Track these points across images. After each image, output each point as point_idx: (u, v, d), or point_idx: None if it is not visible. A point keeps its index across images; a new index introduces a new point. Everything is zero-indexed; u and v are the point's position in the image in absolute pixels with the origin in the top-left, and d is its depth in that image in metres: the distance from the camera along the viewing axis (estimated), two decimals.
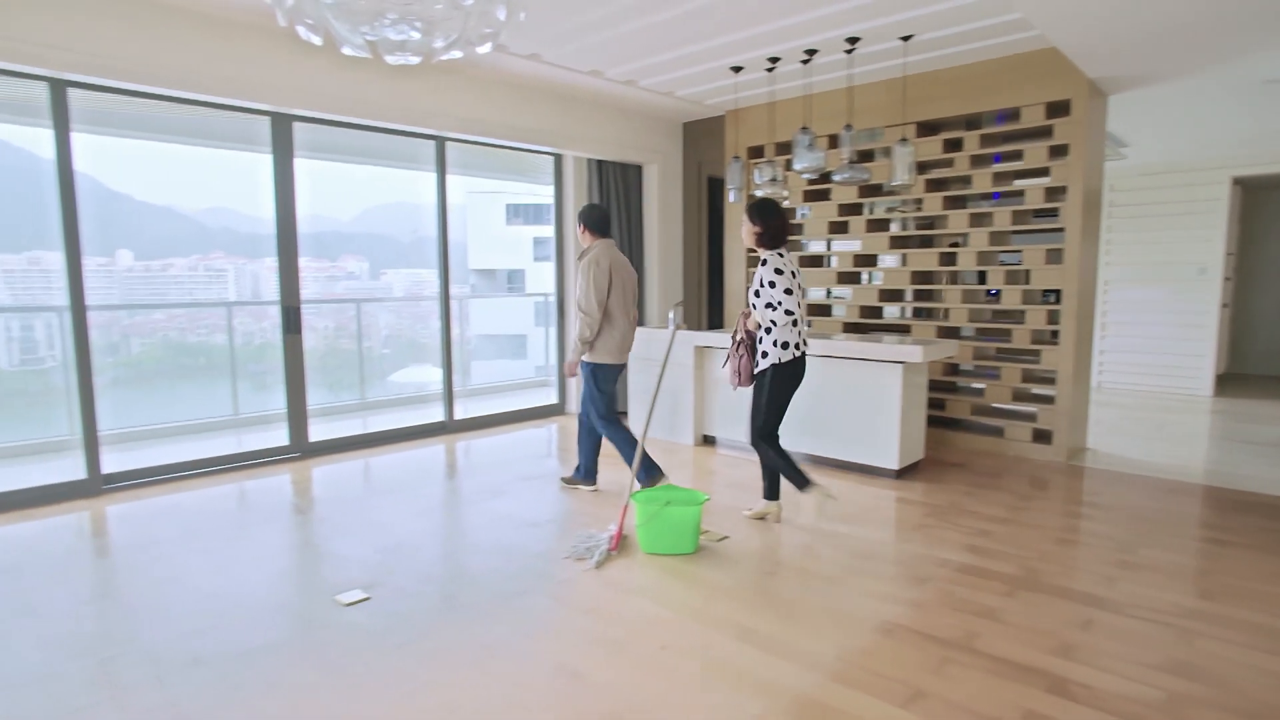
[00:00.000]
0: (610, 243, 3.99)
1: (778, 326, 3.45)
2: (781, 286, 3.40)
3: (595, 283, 3.83)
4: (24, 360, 6.64)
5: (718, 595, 2.88)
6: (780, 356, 3.47)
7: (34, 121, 3.97)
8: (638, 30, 4.38)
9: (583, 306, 3.86)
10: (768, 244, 3.49)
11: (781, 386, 3.52)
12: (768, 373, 3.51)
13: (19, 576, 3.06)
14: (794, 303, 3.42)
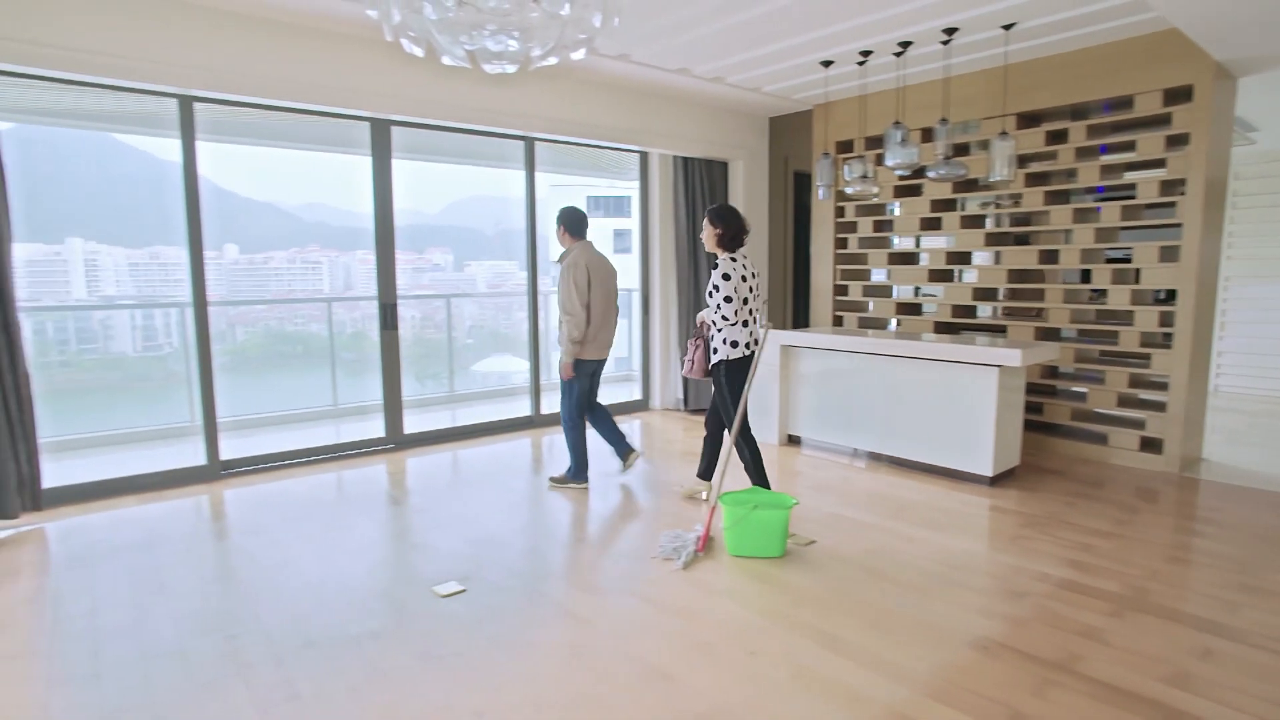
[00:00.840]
0: (588, 244, 4.13)
1: (726, 326, 3.66)
2: (725, 290, 3.61)
3: (576, 284, 3.96)
4: (145, 347, 7.19)
5: (805, 601, 2.86)
6: (729, 354, 3.69)
7: (160, 132, 4.27)
8: (727, 28, 4.35)
9: (566, 308, 3.98)
10: (727, 245, 3.68)
11: (733, 381, 3.71)
12: (720, 368, 3.73)
13: (152, 554, 3.32)
14: (739, 305, 3.63)
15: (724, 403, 3.76)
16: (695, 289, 6.41)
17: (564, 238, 4.13)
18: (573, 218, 4.11)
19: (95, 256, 9.61)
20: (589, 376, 4.20)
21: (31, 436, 3.70)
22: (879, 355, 4.71)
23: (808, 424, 5.22)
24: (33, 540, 3.55)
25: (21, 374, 3.65)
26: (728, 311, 3.62)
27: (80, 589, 2.99)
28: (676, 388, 6.47)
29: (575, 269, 3.99)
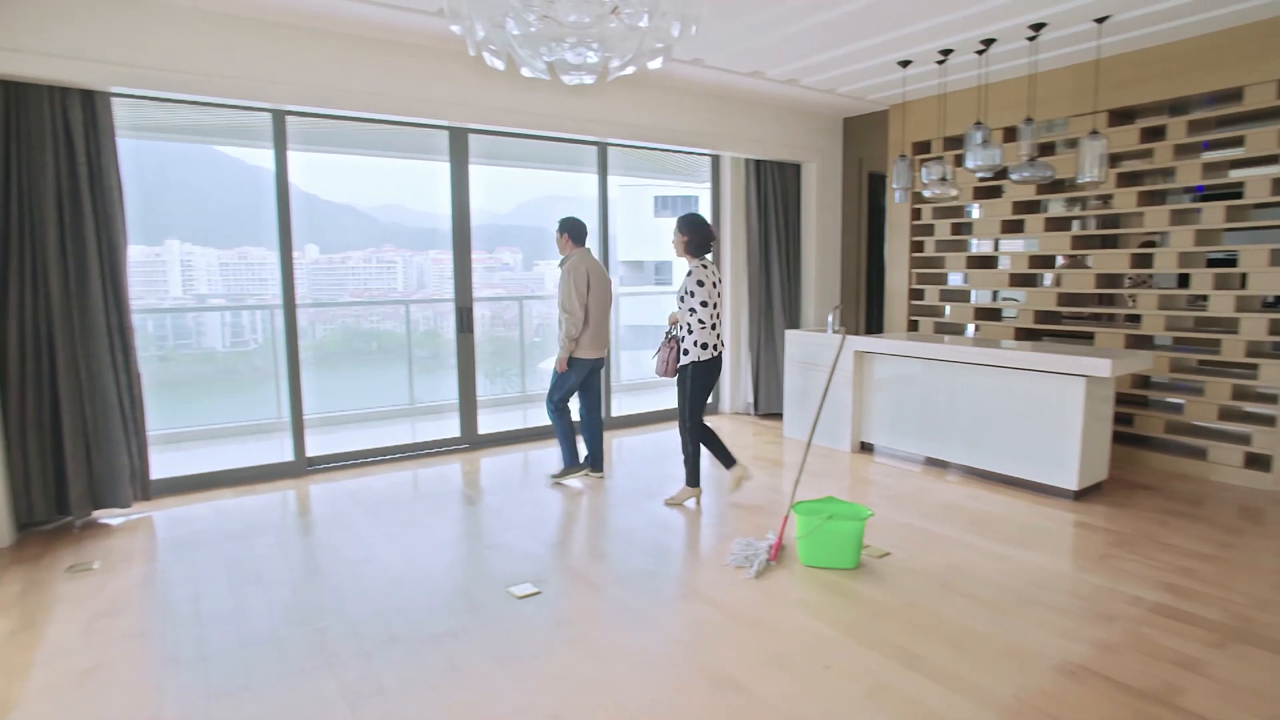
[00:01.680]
0: (586, 250, 4.43)
1: (699, 329, 3.88)
2: (700, 296, 3.85)
3: (576, 287, 4.28)
4: (233, 343, 7.59)
5: (881, 615, 2.81)
6: (699, 355, 3.91)
7: (254, 143, 4.50)
8: (804, 30, 4.30)
9: (566, 308, 4.28)
10: (693, 252, 3.94)
11: (700, 381, 3.95)
12: (688, 369, 3.94)
13: (248, 545, 3.51)
14: (709, 311, 3.88)
15: (683, 399, 3.99)
16: (766, 292, 6.36)
17: (565, 244, 4.41)
18: (574, 226, 4.41)
19: (190, 257, 10.19)
20: (588, 373, 4.46)
21: (142, 431, 3.96)
22: (957, 363, 4.58)
23: (881, 431, 5.12)
24: (143, 527, 3.80)
25: (134, 373, 3.91)
26: (703, 315, 3.87)
27: (185, 575, 3.19)
28: (747, 392, 6.43)
29: (575, 273, 4.29)
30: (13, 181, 3.54)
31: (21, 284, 3.59)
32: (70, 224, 3.67)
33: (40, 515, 3.72)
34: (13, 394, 3.61)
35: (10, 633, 2.70)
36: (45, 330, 3.66)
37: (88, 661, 2.50)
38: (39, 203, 3.59)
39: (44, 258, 3.62)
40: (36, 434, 3.68)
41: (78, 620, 2.79)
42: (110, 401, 3.80)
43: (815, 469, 4.74)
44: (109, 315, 3.81)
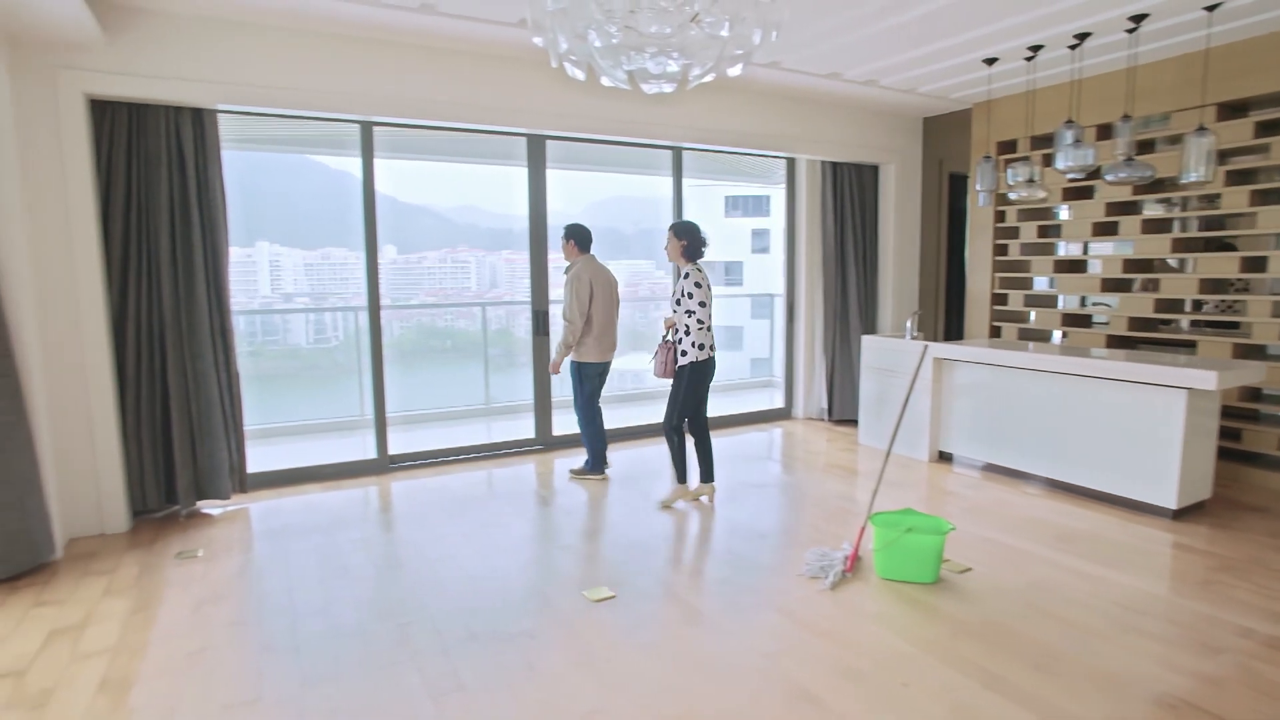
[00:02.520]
0: (591, 257, 4.55)
1: (696, 331, 3.98)
2: (699, 297, 3.97)
3: (578, 296, 4.41)
4: (316, 340, 7.95)
5: (962, 633, 2.73)
6: (697, 356, 4.02)
7: (342, 152, 4.71)
8: (884, 30, 4.21)
9: (567, 316, 4.43)
10: (689, 257, 4.07)
11: (697, 382, 4.07)
12: (685, 369, 4.04)
13: (335, 539, 3.68)
14: (707, 311, 4.00)
15: (675, 399, 4.09)
16: (842, 296, 6.25)
17: (571, 251, 4.52)
18: (581, 233, 4.52)
19: (278, 257, 10.71)
20: (597, 377, 4.62)
21: (239, 427, 4.20)
22: (1044, 371, 4.39)
23: (961, 441, 4.96)
24: (240, 519, 4.03)
25: (234, 372, 4.15)
26: (701, 316, 3.99)
27: (278, 567, 3.36)
28: (821, 397, 6.33)
29: (579, 282, 4.44)
30: (133, 196, 3.82)
31: (139, 290, 3.86)
32: (180, 233, 3.92)
33: (152, 504, 3.99)
34: (129, 392, 3.88)
35: (130, 612, 2.91)
36: (157, 332, 3.92)
37: (195, 644, 2.67)
38: (154, 214, 3.85)
39: (158, 265, 3.88)
40: (149, 428, 3.95)
41: (186, 604, 2.99)
42: (213, 399, 4.04)
43: (891, 478, 4.64)
44: (212, 317, 4.05)
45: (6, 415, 3.17)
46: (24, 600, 3.04)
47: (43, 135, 3.55)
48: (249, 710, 2.28)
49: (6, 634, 2.76)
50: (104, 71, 3.63)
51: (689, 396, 4.08)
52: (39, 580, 3.24)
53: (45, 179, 3.57)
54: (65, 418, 3.70)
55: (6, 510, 3.17)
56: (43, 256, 3.60)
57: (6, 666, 2.53)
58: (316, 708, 2.29)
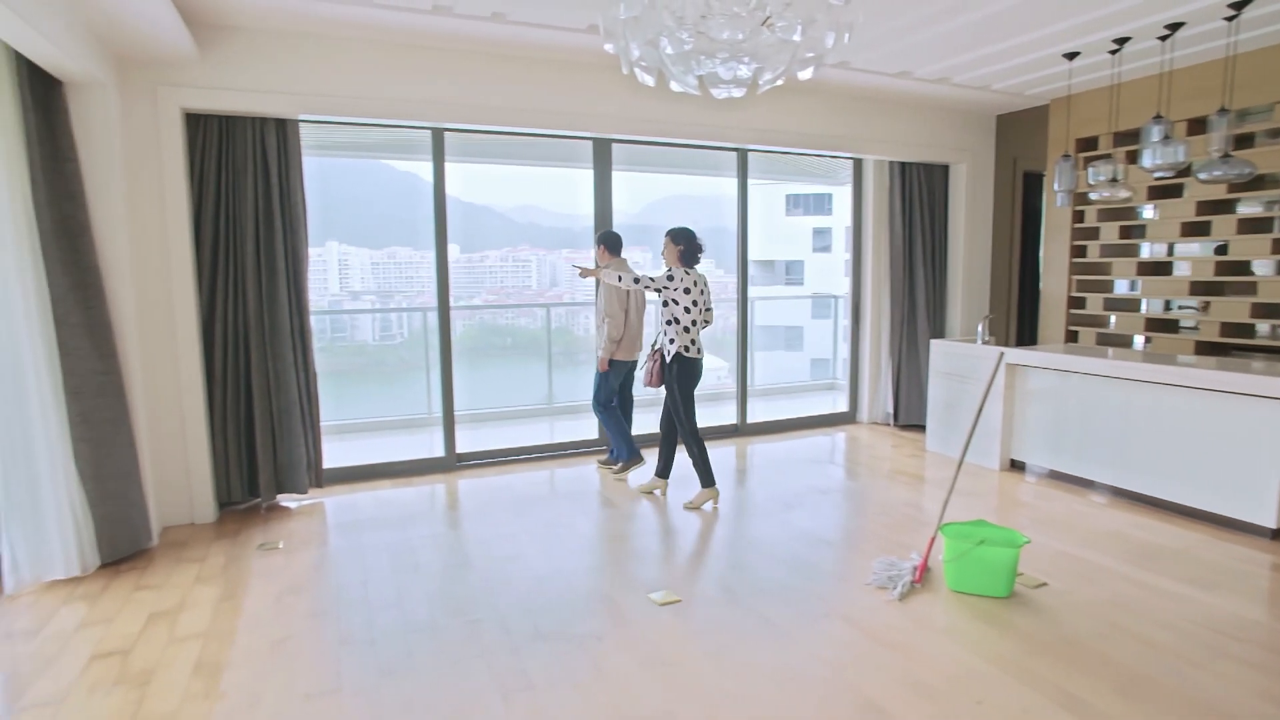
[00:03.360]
0: (623, 260, 4.72)
1: (679, 332, 4.12)
2: (686, 301, 4.10)
3: (618, 294, 4.64)
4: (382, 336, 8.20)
5: (1038, 650, 2.64)
6: (672, 349, 4.14)
7: (413, 156, 4.84)
8: (957, 28, 4.10)
9: (608, 312, 4.62)
10: (685, 261, 4.17)
11: (683, 381, 4.16)
12: (673, 368, 4.15)
13: (406, 535, 3.80)
14: (690, 312, 4.12)
15: (675, 403, 4.20)
16: (909, 299, 6.11)
17: (603, 255, 4.70)
18: (612, 239, 4.71)
19: (346, 256, 11.09)
20: (620, 375, 4.82)
21: (316, 424, 4.37)
22: (1126, 379, 4.20)
23: (1034, 449, 4.79)
24: (317, 513, 4.19)
25: (311, 371, 4.32)
26: (681, 316, 4.10)
27: (353, 560, 3.49)
28: (886, 401, 6.21)
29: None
30: (222, 204, 4.02)
31: (225, 293, 4.06)
32: (264, 238, 4.11)
33: (236, 496, 4.19)
34: (216, 389, 4.09)
35: (219, 600, 3.07)
36: (242, 333, 4.11)
37: (279, 633, 2.80)
38: (241, 221, 4.04)
39: (243, 269, 4.07)
40: (234, 425, 4.15)
41: (269, 594, 3.13)
42: (292, 397, 4.21)
43: (960, 487, 4.51)
44: (292, 319, 4.22)
45: (111, 412, 3.38)
46: (126, 583, 3.24)
47: (144, 148, 3.76)
48: (329, 700, 2.37)
49: (113, 614, 2.95)
50: (198, 87, 3.82)
51: (686, 396, 4.19)
52: (138, 565, 3.44)
53: (145, 189, 3.79)
54: (160, 414, 3.92)
55: (111, 500, 3.38)
56: (142, 262, 3.82)
57: (114, 646, 2.70)
58: (392, 700, 2.37)
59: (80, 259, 3.31)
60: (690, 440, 4.20)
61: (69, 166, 3.26)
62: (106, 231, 3.49)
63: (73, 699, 2.38)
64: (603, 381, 4.76)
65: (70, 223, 3.27)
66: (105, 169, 3.46)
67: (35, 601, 3.07)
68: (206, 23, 3.80)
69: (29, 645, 2.72)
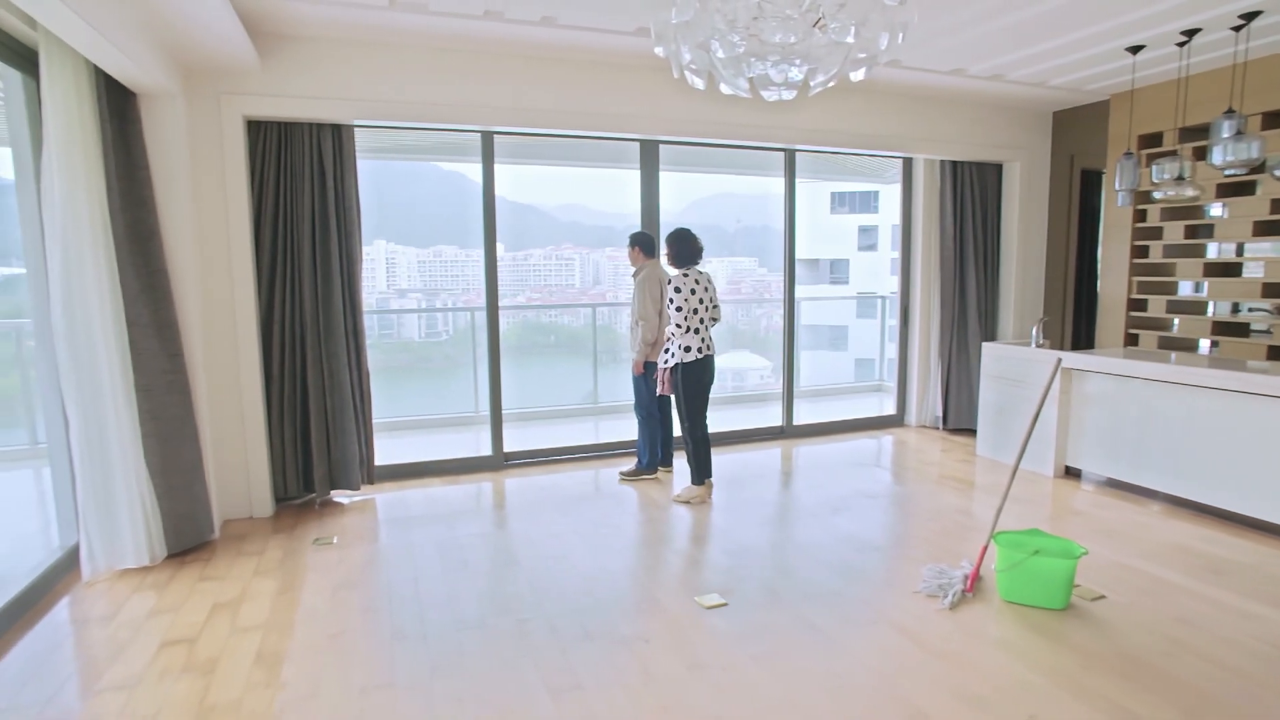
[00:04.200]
0: (656, 262, 4.72)
1: (679, 334, 4.17)
2: (679, 301, 4.14)
3: (652, 295, 4.62)
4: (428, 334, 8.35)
5: (1096, 665, 2.57)
6: (683, 358, 4.19)
7: (462, 158, 4.93)
8: (1015, 23, 4.00)
9: (643, 314, 4.61)
10: (676, 264, 4.25)
11: (691, 382, 4.22)
12: (677, 370, 4.21)
13: (455, 533, 3.87)
14: (690, 314, 4.16)
15: (679, 401, 4.28)
16: (960, 301, 5.99)
17: (638, 257, 4.70)
18: (646, 241, 4.72)
19: (394, 255, 11.32)
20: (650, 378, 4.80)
21: (369, 422, 4.48)
22: (1191, 385, 4.05)
23: (1090, 456, 4.65)
24: (368, 509, 4.30)
25: (364, 370, 4.43)
26: (679, 319, 4.15)
27: (404, 557, 3.57)
28: (935, 404, 6.10)
29: (650, 283, 4.62)
30: (280, 208, 4.14)
31: (283, 294, 4.19)
32: (319, 240, 4.22)
33: (291, 492, 4.32)
34: (274, 388, 4.22)
35: (277, 593, 3.18)
36: (299, 333, 4.24)
37: (334, 627, 2.88)
38: (298, 224, 4.16)
39: (299, 271, 4.19)
40: (290, 422, 4.27)
41: (325, 588, 3.22)
42: (346, 395, 4.33)
43: (1013, 493, 4.41)
44: (346, 319, 4.33)
45: (178, 409, 3.52)
46: (191, 574, 3.38)
47: (208, 155, 3.90)
48: (384, 694, 2.43)
49: (180, 603, 3.08)
50: (259, 95, 3.95)
51: (691, 398, 4.25)
52: (201, 557, 3.58)
53: (209, 194, 3.93)
54: (221, 412, 4.06)
55: (178, 494, 3.52)
56: (206, 265, 3.96)
57: (181, 634, 2.82)
58: (444, 696, 2.42)
59: (150, 262, 3.45)
60: (688, 437, 4.31)
61: (141, 174, 3.40)
62: (174, 236, 3.63)
63: (144, 684, 2.48)
64: (642, 385, 4.77)
65: (141, 227, 3.41)
66: (173, 175, 3.60)
67: (109, 588, 3.22)
68: (268, 32, 3.92)
69: (105, 630, 2.85)
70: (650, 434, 4.83)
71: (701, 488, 4.36)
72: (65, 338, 3.05)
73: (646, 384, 4.76)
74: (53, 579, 3.24)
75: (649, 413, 4.80)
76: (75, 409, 3.11)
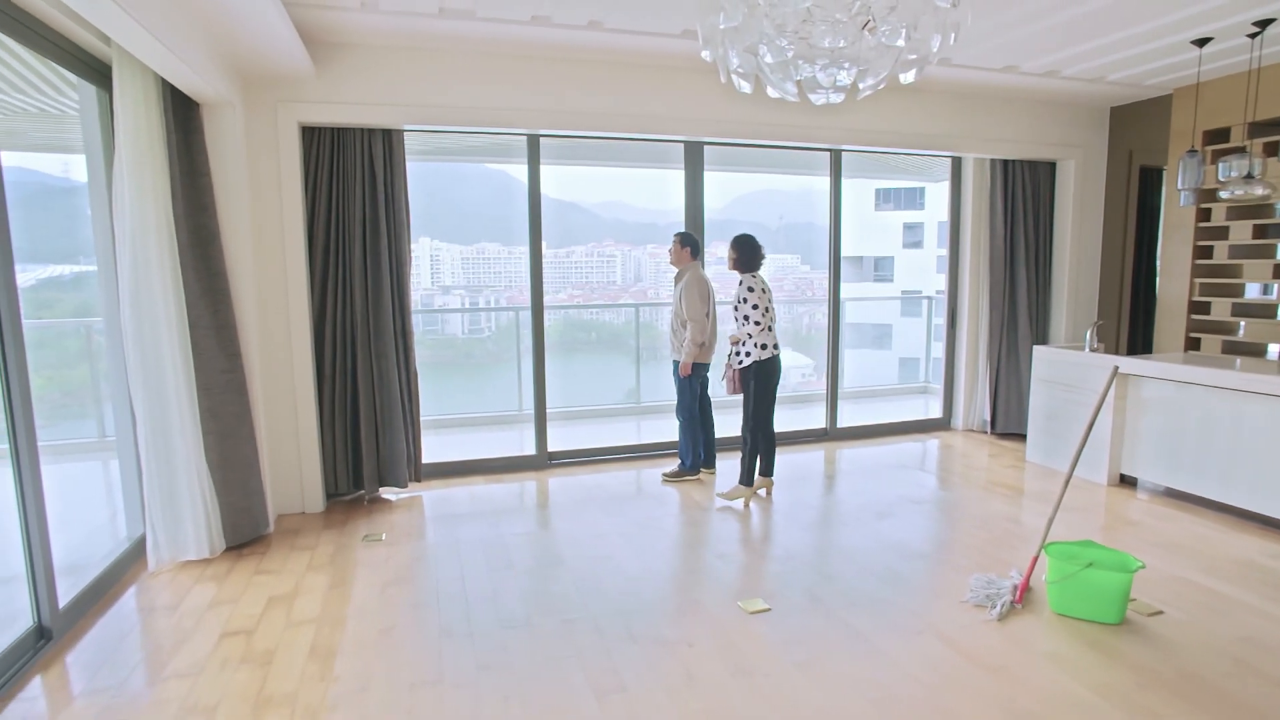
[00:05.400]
0: (698, 263, 4.76)
1: (758, 332, 4.24)
2: (751, 302, 4.23)
3: (701, 296, 4.62)
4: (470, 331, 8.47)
5: (1152, 684, 2.50)
6: (760, 356, 4.25)
7: (508, 159, 4.99)
8: (1073, 19, 3.89)
9: (692, 315, 4.59)
10: (742, 268, 4.32)
11: (765, 380, 4.30)
12: (750, 369, 4.27)
13: (500, 531, 3.93)
14: (764, 313, 4.25)
15: (749, 400, 4.34)
16: (1010, 303, 5.85)
17: (684, 257, 4.71)
18: (694, 241, 4.75)
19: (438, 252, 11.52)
20: (702, 377, 4.82)
21: (416, 421, 4.58)
22: (1262, 394, 3.90)
23: (1147, 464, 4.50)
24: (416, 506, 4.40)
25: (412, 370, 4.53)
26: (756, 318, 4.22)
27: (451, 555, 3.64)
28: (983, 408, 5.98)
29: (699, 284, 4.63)
30: (333, 211, 4.25)
31: (335, 296, 4.30)
32: (370, 243, 4.32)
33: (341, 488, 4.44)
34: (325, 387, 4.34)
35: (329, 588, 3.28)
36: (349, 334, 4.35)
37: (384, 622, 2.96)
38: (349, 227, 4.27)
39: (350, 273, 4.30)
40: (340, 421, 4.39)
41: (374, 584, 3.31)
42: (394, 394, 4.42)
43: (1065, 502, 4.30)
44: (395, 320, 4.43)
45: (236, 407, 3.65)
46: (248, 567, 3.50)
47: (265, 161, 4.03)
48: (432, 690, 2.49)
49: (238, 595, 3.19)
50: (313, 102, 4.06)
51: (763, 396, 4.31)
52: (258, 550, 3.71)
53: (265, 199, 4.06)
54: (275, 410, 4.19)
55: (236, 489, 3.65)
56: (262, 268, 4.09)
57: (240, 625, 2.93)
58: (491, 694, 2.47)
59: (211, 266, 3.58)
60: (756, 433, 4.35)
61: (203, 180, 3.53)
62: (233, 240, 3.76)
63: (206, 673, 2.59)
64: (686, 387, 4.77)
65: (203, 233, 3.54)
66: (233, 181, 3.73)
67: (173, 579, 3.36)
68: (322, 42, 4.03)
69: (169, 619, 2.98)
70: (693, 435, 4.84)
71: (767, 480, 4.50)
72: (134, 338, 3.19)
73: (691, 386, 4.75)
74: (122, 568, 3.39)
75: (691, 414, 4.81)
76: (142, 407, 3.25)
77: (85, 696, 2.46)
